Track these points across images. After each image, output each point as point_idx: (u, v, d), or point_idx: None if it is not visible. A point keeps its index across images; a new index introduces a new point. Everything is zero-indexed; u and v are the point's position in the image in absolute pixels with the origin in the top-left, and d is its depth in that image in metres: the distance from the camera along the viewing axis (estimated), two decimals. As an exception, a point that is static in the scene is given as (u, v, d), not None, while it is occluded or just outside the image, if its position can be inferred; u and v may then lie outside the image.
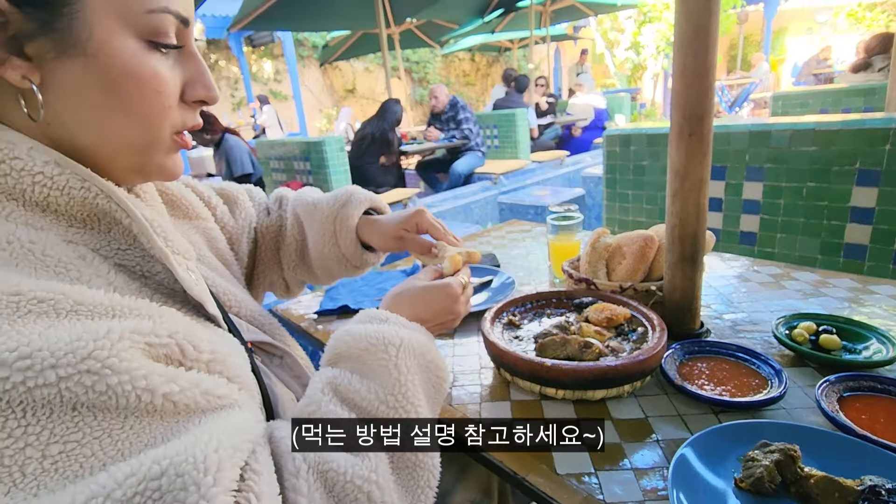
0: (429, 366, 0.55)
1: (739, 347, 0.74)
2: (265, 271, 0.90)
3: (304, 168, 3.63)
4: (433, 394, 0.56)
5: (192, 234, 0.71)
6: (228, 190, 0.85)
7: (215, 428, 0.40)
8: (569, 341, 0.72)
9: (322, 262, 0.85)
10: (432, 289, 0.65)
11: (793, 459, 0.50)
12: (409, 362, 0.53)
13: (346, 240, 0.81)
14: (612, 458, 0.60)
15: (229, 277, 0.73)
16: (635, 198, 1.92)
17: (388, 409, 0.50)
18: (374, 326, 0.55)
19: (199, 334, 0.45)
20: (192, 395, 0.41)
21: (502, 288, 1.11)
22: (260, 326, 0.71)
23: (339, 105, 11.94)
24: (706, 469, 0.54)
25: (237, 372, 0.49)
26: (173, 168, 0.54)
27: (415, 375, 0.53)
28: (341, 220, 0.81)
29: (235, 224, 0.82)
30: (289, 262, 0.89)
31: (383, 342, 0.53)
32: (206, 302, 0.54)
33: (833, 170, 1.43)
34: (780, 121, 1.57)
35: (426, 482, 0.51)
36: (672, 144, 0.75)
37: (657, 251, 0.90)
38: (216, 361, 0.46)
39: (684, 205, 0.75)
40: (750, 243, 1.65)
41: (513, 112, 4.91)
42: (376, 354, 0.52)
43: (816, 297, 0.96)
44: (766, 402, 0.63)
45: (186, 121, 0.53)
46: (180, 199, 0.71)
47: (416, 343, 0.55)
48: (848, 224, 1.44)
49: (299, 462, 0.45)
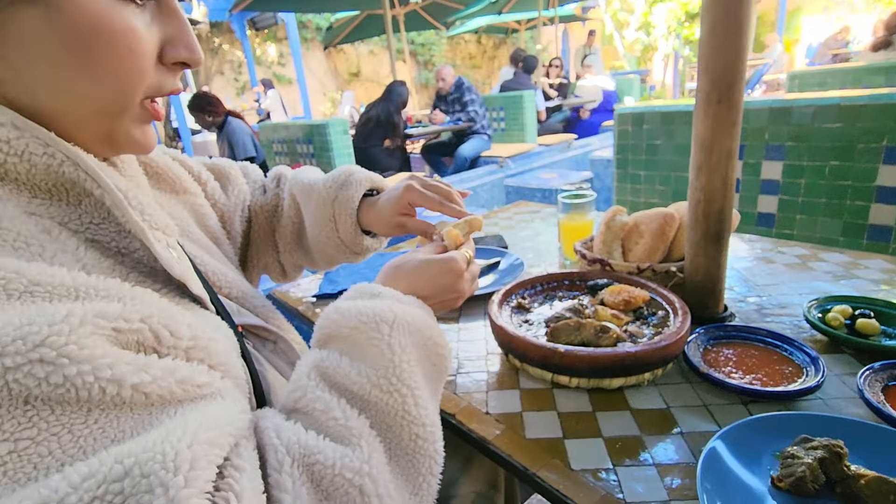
0: (427, 343, 0.50)
1: (769, 332, 0.69)
2: (259, 253, 0.85)
3: (308, 151, 3.56)
4: (433, 373, 0.51)
5: (178, 209, 0.66)
6: (220, 165, 0.80)
7: (191, 420, 0.35)
8: (583, 326, 0.66)
9: (320, 247, 0.80)
10: (433, 263, 0.58)
11: (839, 457, 0.45)
12: (404, 340, 0.47)
13: (345, 225, 0.76)
14: (632, 451, 0.55)
15: (220, 257, 0.68)
16: (647, 178, 1.85)
17: (382, 392, 0.45)
18: (364, 302, 0.50)
19: (177, 318, 0.41)
20: (166, 384, 0.36)
21: (510, 270, 1.05)
22: (252, 309, 0.66)
23: (343, 89, 11.82)
24: (739, 466, 0.49)
25: (222, 359, 0.44)
26: (143, 139, 0.49)
27: (411, 354, 0.47)
28: (340, 203, 0.76)
29: (227, 201, 0.77)
30: (285, 244, 0.84)
31: (374, 319, 0.47)
32: (190, 281, 0.49)
33: (858, 147, 1.37)
34: (803, 96, 1.49)
35: (428, 469, 0.46)
36: (698, 113, 0.68)
37: (677, 230, 0.84)
38: (197, 348, 0.41)
39: (710, 179, 0.69)
40: (768, 225, 1.59)
41: (520, 94, 4.80)
42: (367, 333, 0.47)
43: (848, 280, 0.89)
44: (802, 391, 0.57)
45: (164, 85, 0.47)
46: (166, 172, 0.66)
47: (411, 318, 0.49)
48: (873, 204, 1.38)
49: (282, 455, 0.40)
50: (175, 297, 0.49)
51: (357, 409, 0.44)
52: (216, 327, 0.50)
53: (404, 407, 0.45)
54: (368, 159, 4.27)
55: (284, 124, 3.73)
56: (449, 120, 4.70)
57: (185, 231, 0.63)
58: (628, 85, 6.71)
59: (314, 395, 0.44)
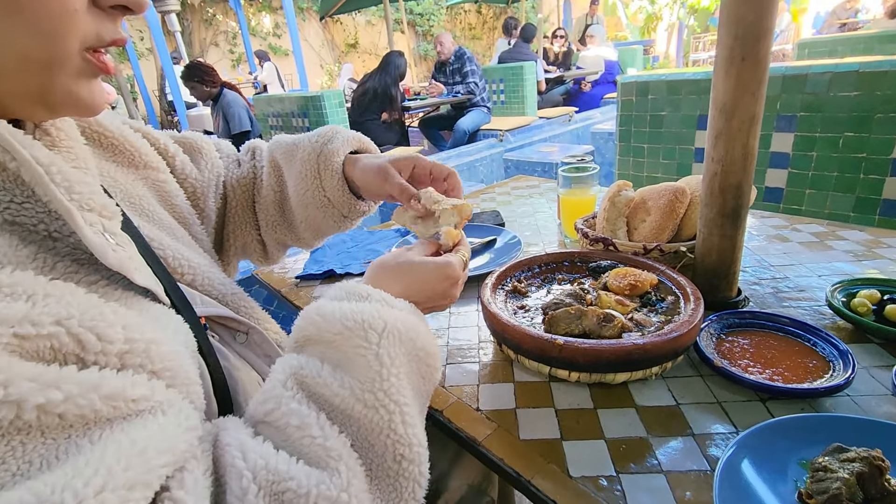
0: (418, 354, 0.45)
1: (790, 320, 0.62)
2: (237, 232, 0.78)
3: (303, 125, 3.46)
4: (422, 386, 0.46)
5: (137, 185, 0.59)
6: (191, 139, 0.73)
7: (110, 454, 0.29)
8: (585, 313, 0.60)
9: (305, 213, 0.73)
10: (430, 267, 0.53)
11: (880, 471, 0.39)
12: (394, 351, 0.43)
13: (332, 180, 0.69)
14: (638, 455, 0.49)
15: (186, 239, 0.61)
16: (651, 152, 1.77)
17: (367, 408, 0.39)
18: (351, 305, 0.44)
19: (107, 317, 0.34)
20: (86, 402, 0.30)
21: (506, 249, 0.99)
22: (220, 297, 0.59)
23: (341, 60, 11.55)
24: (762, 477, 0.43)
25: (168, 362, 0.38)
26: (90, 98, 0.42)
27: (400, 367, 0.42)
28: (325, 156, 0.69)
29: (200, 176, 0.70)
30: (266, 217, 0.77)
31: (362, 326, 0.42)
32: (131, 271, 0.42)
33: (876, 117, 1.29)
34: (819, 62, 1.40)
35: (411, 493, 0.41)
36: (718, 73, 0.60)
37: (688, 206, 0.77)
38: (133, 352, 0.35)
39: (729, 148, 0.62)
40: (775, 200, 1.52)
41: (520, 65, 4.65)
42: (353, 341, 0.42)
43: (871, 260, 0.83)
44: (830, 389, 0.51)
45: (103, 33, 0.40)
46: (124, 144, 0.58)
47: (403, 327, 0.44)
48: (888, 178, 1.31)
49: (247, 482, 0.34)
50: (118, 291, 0.42)
51: (338, 425, 0.39)
52: (165, 324, 0.43)
53: (390, 425, 0.40)
54: (365, 133, 4.06)
55: (279, 97, 3.62)
56: (448, 92, 4.56)
57: (143, 210, 0.57)
58: (631, 56, 6.51)
59: (289, 409, 0.39)
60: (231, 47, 10.58)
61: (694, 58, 10.82)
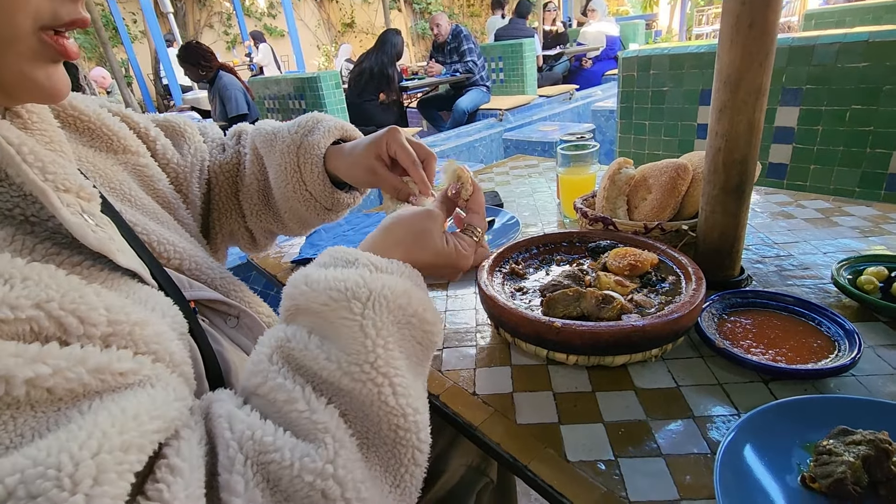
0: (410, 321, 0.43)
1: (794, 299, 0.61)
2: (223, 219, 0.76)
3: (300, 107, 3.41)
4: (418, 353, 0.44)
5: (117, 170, 0.57)
6: (174, 122, 0.70)
7: (103, 419, 0.28)
8: (583, 295, 0.58)
9: (288, 205, 0.71)
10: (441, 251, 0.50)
11: (886, 454, 0.38)
12: (382, 319, 0.40)
13: (312, 174, 0.67)
14: (637, 439, 0.48)
15: (171, 224, 0.60)
16: (653, 129, 1.74)
17: (354, 381, 0.38)
18: (336, 272, 0.42)
19: (90, 300, 0.34)
20: (74, 375, 0.30)
21: (504, 230, 0.97)
22: (209, 282, 0.58)
23: (337, 41, 11.36)
24: (764, 461, 0.42)
25: (153, 345, 0.37)
26: (47, 82, 0.40)
27: (389, 336, 0.41)
28: (305, 149, 0.67)
29: (182, 160, 0.68)
30: (251, 206, 0.75)
31: (345, 295, 0.40)
32: (114, 252, 0.41)
33: (885, 89, 1.26)
34: (827, 33, 1.36)
35: (411, 459, 0.40)
36: (723, 42, 0.58)
37: (690, 183, 0.75)
38: (118, 335, 0.34)
39: (734, 122, 0.59)
40: (779, 176, 1.49)
41: (519, 42, 4.55)
42: (338, 312, 0.40)
43: (878, 236, 0.81)
44: (835, 370, 0.50)
45: (60, 12, 0.38)
46: (101, 128, 0.56)
47: (391, 293, 0.42)
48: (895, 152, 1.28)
49: (234, 451, 0.33)
50: (103, 273, 0.41)
51: (325, 397, 0.38)
52: (152, 307, 0.42)
53: (380, 397, 0.38)
54: (363, 114, 4.10)
55: (275, 79, 3.56)
56: (446, 71, 4.48)
57: (124, 195, 0.55)
58: (633, 31, 6.37)
59: (276, 383, 0.38)
60: (226, 29, 10.42)
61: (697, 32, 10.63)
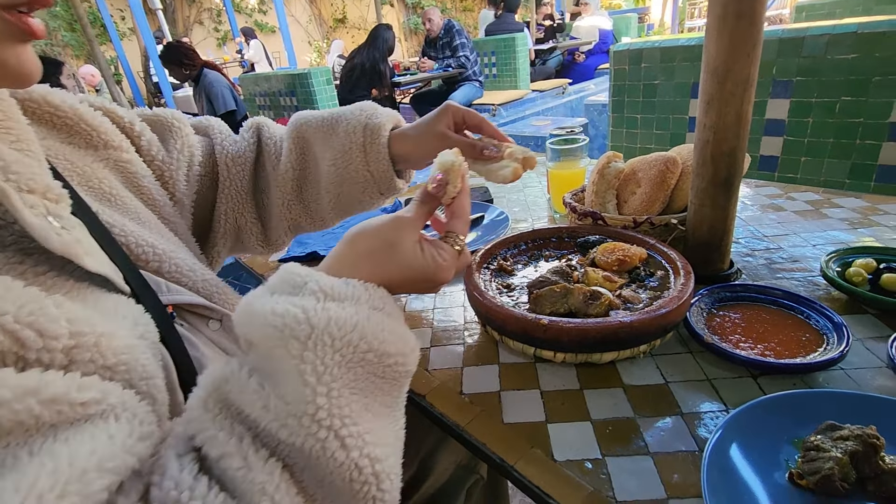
0: (365, 357, 0.36)
1: (783, 292, 0.60)
2: (230, 213, 0.72)
3: (291, 104, 3.39)
4: (382, 388, 0.38)
5: (97, 167, 0.55)
6: (162, 117, 0.68)
7: (43, 477, 0.26)
8: (571, 292, 0.57)
9: (339, 189, 0.70)
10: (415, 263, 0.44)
11: (874, 449, 0.37)
12: (325, 362, 0.34)
13: (378, 154, 0.67)
14: (625, 437, 0.47)
15: (153, 223, 0.57)
16: (644, 122, 1.73)
17: (292, 436, 0.32)
18: (278, 301, 0.36)
19: (50, 312, 0.32)
20: (23, 407, 0.27)
21: (493, 226, 0.96)
22: (190, 285, 0.56)
23: (329, 37, 11.29)
24: (751, 458, 0.41)
25: (123, 356, 0.35)
26: (17, 65, 0.37)
27: (335, 381, 0.34)
28: (371, 130, 0.66)
29: (168, 157, 0.65)
30: (281, 197, 0.72)
31: (282, 333, 0.34)
32: (80, 256, 0.39)
33: (874, 80, 1.26)
34: (816, 24, 1.36)
35: None
36: (710, 33, 0.57)
37: (679, 177, 0.74)
38: (82, 347, 0.32)
39: (722, 114, 0.58)
40: (770, 169, 1.49)
41: (512, 37, 4.53)
42: (276, 350, 0.34)
43: (867, 228, 0.80)
44: (824, 364, 0.49)
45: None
46: (79, 123, 0.54)
47: (338, 329, 0.35)
48: (885, 143, 1.29)
49: None
50: (69, 281, 0.39)
51: (267, 449, 0.33)
52: (122, 315, 0.40)
53: (325, 453, 0.33)
54: (354, 111, 4.07)
55: (265, 76, 3.53)
56: (438, 67, 4.46)
57: (103, 195, 0.53)
58: (625, 24, 6.37)
59: (208, 435, 0.33)
60: (216, 25, 10.32)
61: (689, 25, 10.62)
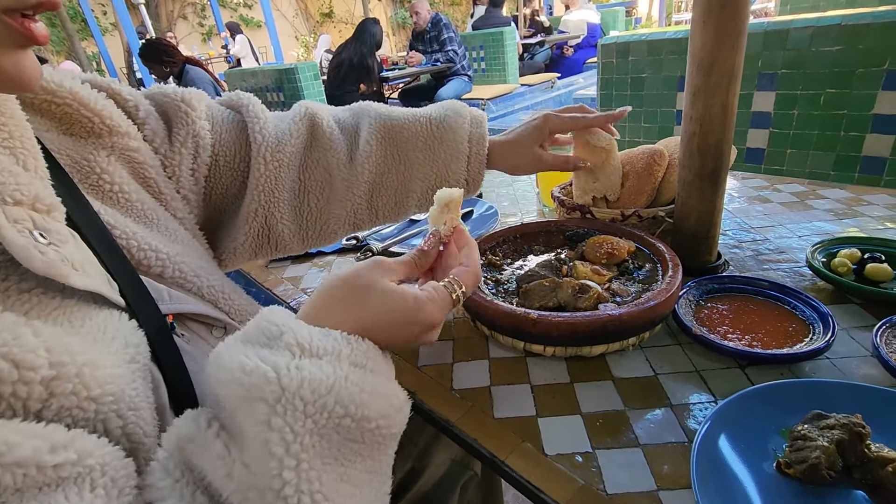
0: (341, 423, 0.33)
1: (770, 283, 0.61)
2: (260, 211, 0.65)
3: (278, 99, 3.35)
4: (362, 452, 0.34)
5: (100, 158, 0.49)
6: (171, 97, 0.59)
7: None
8: (560, 285, 0.57)
9: (424, 191, 0.72)
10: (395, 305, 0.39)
11: (860, 438, 0.38)
12: (296, 429, 0.31)
13: (479, 166, 0.73)
14: (615, 430, 0.47)
15: (159, 220, 0.52)
16: (632, 116, 1.74)
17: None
18: (249, 354, 0.33)
19: (27, 341, 0.29)
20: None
21: (482, 220, 0.96)
22: (195, 290, 0.51)
23: (315, 31, 11.19)
24: (739, 448, 0.41)
25: (108, 387, 0.32)
26: (14, 69, 0.34)
27: (305, 453, 0.31)
28: (476, 141, 0.72)
29: (171, 150, 0.58)
30: (351, 195, 0.69)
31: (249, 393, 0.31)
32: (66, 275, 0.35)
33: (857, 72, 1.27)
34: (801, 17, 1.37)
35: None
36: (695, 25, 0.57)
37: (667, 169, 0.74)
38: (62, 378, 0.30)
39: (708, 105, 0.59)
40: (756, 161, 1.51)
41: (500, 31, 4.52)
42: (241, 411, 0.31)
43: (851, 218, 0.81)
44: (810, 353, 0.49)
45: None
46: (79, 110, 0.48)
47: (311, 391, 0.32)
48: (868, 134, 1.30)
49: None
50: (55, 299, 0.36)
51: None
52: (112, 335, 0.37)
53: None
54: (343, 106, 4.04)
55: (252, 71, 3.49)
56: (426, 61, 4.44)
57: (106, 191, 0.48)
58: (613, 18, 6.38)
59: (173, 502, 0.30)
60: (200, 20, 10.19)
61: (677, 18, 10.67)
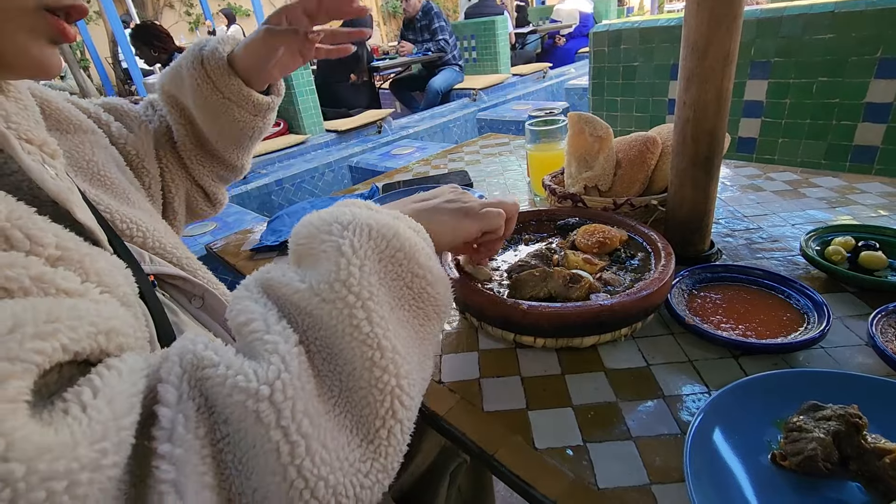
0: (395, 255, 0.38)
1: (764, 272, 0.60)
2: (175, 183, 0.75)
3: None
4: (406, 298, 0.39)
5: (85, 149, 0.58)
6: (115, 103, 0.71)
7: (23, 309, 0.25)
8: (551, 275, 0.56)
9: (215, 127, 0.72)
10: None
11: (856, 429, 0.37)
12: (360, 243, 0.37)
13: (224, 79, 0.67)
14: (607, 422, 0.46)
15: (139, 202, 0.60)
16: (624, 105, 1.73)
17: (323, 301, 0.34)
18: (330, 209, 0.41)
19: (39, 223, 0.32)
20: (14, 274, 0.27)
21: (473, 211, 0.94)
22: (174, 262, 0.57)
23: (305, 21, 11.01)
24: (733, 440, 0.40)
25: (105, 278, 0.35)
26: (42, 58, 0.40)
27: (366, 261, 0.36)
28: (207, 58, 0.67)
29: (136, 140, 0.68)
30: (193, 158, 0.75)
31: (328, 222, 0.38)
32: (72, 204, 0.40)
33: (850, 60, 1.26)
34: (793, 4, 1.36)
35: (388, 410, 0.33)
36: (690, 7, 0.55)
37: (659, 157, 0.73)
38: (67, 259, 0.33)
39: (702, 91, 0.57)
40: (748, 150, 1.51)
41: (492, 20, 4.47)
42: (319, 237, 0.38)
43: (845, 206, 0.80)
44: (804, 343, 0.49)
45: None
46: (61, 112, 0.57)
47: (376, 223, 0.39)
48: (860, 123, 1.30)
49: (173, 363, 0.30)
50: None
51: (287, 320, 0.34)
52: (108, 262, 0.38)
53: (351, 321, 0.33)
54: (333, 96, 3.99)
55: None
56: (417, 51, 4.38)
57: (92, 174, 0.56)
58: (605, 7, 6.34)
59: (242, 306, 0.35)
60: (187, 8, 10.00)
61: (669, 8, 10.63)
